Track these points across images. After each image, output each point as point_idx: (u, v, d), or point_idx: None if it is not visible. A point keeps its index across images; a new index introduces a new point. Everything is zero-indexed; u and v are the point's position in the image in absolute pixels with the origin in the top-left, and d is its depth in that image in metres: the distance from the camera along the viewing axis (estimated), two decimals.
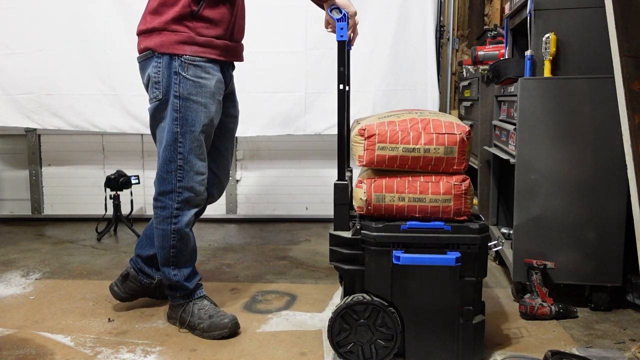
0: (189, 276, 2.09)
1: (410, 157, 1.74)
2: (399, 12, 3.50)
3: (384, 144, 1.75)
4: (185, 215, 2.03)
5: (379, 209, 1.78)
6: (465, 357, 1.76)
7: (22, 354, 1.91)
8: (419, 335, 1.77)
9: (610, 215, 2.15)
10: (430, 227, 1.73)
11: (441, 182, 1.75)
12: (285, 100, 3.60)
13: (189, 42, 1.91)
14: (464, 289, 1.74)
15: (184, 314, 2.08)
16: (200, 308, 2.07)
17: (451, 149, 1.73)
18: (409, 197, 1.75)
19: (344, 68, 1.86)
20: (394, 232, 1.74)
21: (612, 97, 1.78)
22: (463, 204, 1.74)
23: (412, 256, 1.71)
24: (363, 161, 1.78)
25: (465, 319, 1.74)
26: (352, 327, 1.76)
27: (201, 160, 2.01)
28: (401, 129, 1.76)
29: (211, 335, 2.01)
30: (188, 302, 2.09)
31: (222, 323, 2.01)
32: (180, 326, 2.09)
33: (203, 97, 1.95)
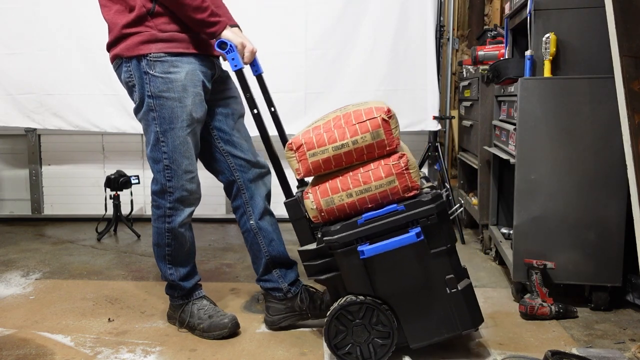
0: (186, 276, 2.08)
1: (342, 154, 1.76)
2: (399, 12, 3.50)
3: (313, 150, 1.78)
4: (179, 216, 2.00)
5: (332, 212, 1.80)
6: (463, 323, 1.76)
7: (22, 354, 1.91)
8: (414, 318, 1.78)
9: (610, 215, 2.15)
10: (385, 213, 1.74)
11: (380, 166, 1.76)
12: (285, 100, 3.59)
13: (152, 40, 1.89)
14: (438, 260, 1.74)
15: (183, 314, 2.08)
16: (200, 308, 2.07)
17: (377, 133, 1.74)
18: (356, 191, 1.77)
19: (250, 94, 1.92)
20: (353, 229, 1.75)
21: (612, 97, 1.78)
22: (408, 180, 1.75)
23: (374, 246, 1.72)
24: (301, 173, 1.81)
25: (451, 287, 1.74)
26: (348, 328, 1.77)
27: (187, 159, 1.96)
28: (325, 130, 1.79)
29: (211, 335, 2.01)
30: (187, 303, 2.08)
31: (222, 323, 2.01)
32: (180, 326, 2.09)
33: (175, 92, 1.91)
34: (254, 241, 2.12)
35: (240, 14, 3.55)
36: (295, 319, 2.10)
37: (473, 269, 2.79)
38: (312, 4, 3.54)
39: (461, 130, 3.67)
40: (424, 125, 3.55)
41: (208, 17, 1.86)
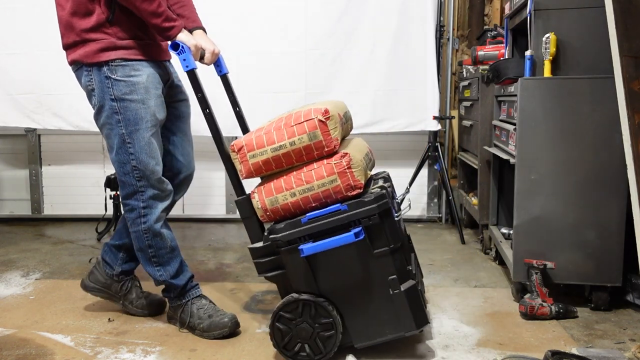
0: (176, 273, 2.08)
1: (280, 155, 1.79)
2: (399, 12, 3.50)
3: (253, 152, 1.82)
4: (153, 213, 2.01)
5: (277, 211, 1.82)
6: (406, 325, 1.77)
7: (22, 354, 1.91)
8: (358, 317, 1.79)
9: (610, 215, 2.15)
10: (328, 212, 1.75)
11: (322, 166, 1.78)
12: (285, 100, 3.59)
13: (112, 48, 1.93)
14: (381, 260, 1.75)
15: (183, 314, 2.08)
16: (200, 307, 2.07)
17: (314, 134, 1.76)
18: (299, 190, 1.79)
19: (201, 94, 1.94)
20: (297, 228, 1.77)
21: (612, 97, 1.78)
22: (351, 179, 1.76)
23: (313, 245, 1.74)
24: (243, 174, 1.85)
25: (393, 288, 1.75)
26: (292, 328, 1.78)
27: (153, 159, 1.99)
28: (265, 132, 1.82)
29: (211, 335, 2.01)
30: (186, 302, 2.08)
31: (222, 322, 2.01)
32: (181, 327, 2.09)
33: (138, 94, 1.95)
34: None
35: (240, 14, 3.59)
36: (106, 297, 2.25)
37: (473, 269, 2.79)
38: (312, 4, 3.54)
39: (461, 130, 3.67)
40: (424, 125, 3.55)
41: (162, 22, 1.90)
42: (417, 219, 3.87)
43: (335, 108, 1.86)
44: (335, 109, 1.85)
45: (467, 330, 2.06)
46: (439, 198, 3.87)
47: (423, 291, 2.11)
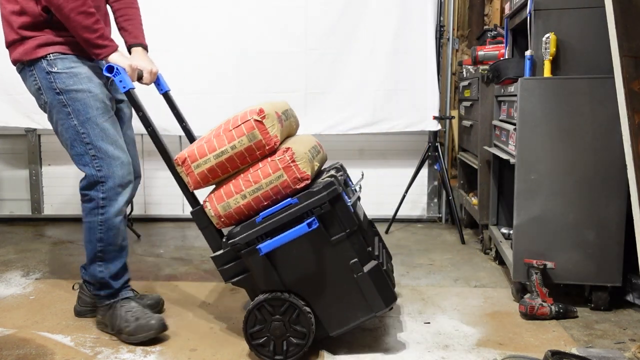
0: (117, 274, 2.05)
1: (224, 160, 1.81)
2: (399, 12, 3.50)
3: (197, 162, 1.83)
4: (113, 206, 1.99)
5: (231, 216, 1.84)
6: (376, 305, 1.79)
7: (22, 354, 1.91)
8: (328, 306, 1.81)
9: (610, 215, 2.15)
10: (280, 208, 1.77)
11: (267, 164, 1.80)
12: (285, 101, 3.59)
13: (50, 43, 1.93)
14: (340, 246, 1.77)
15: (111, 317, 2.03)
16: (127, 310, 2.02)
17: (253, 135, 1.78)
18: (248, 191, 1.81)
19: (142, 112, 1.95)
20: (253, 228, 1.79)
21: (612, 97, 1.78)
22: (296, 172, 1.78)
23: (269, 242, 1.76)
24: (192, 185, 1.87)
25: (356, 271, 1.77)
26: (268, 321, 1.80)
27: (112, 144, 1.97)
28: (206, 141, 1.83)
29: (137, 338, 1.96)
30: (114, 304, 2.04)
31: (149, 325, 1.98)
32: (112, 331, 2.04)
33: (82, 84, 1.94)
34: None
35: (240, 14, 3.59)
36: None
37: (473, 269, 2.79)
38: (312, 4, 3.54)
39: (461, 130, 3.67)
40: (424, 125, 3.55)
41: (96, 39, 1.90)
42: (417, 219, 3.87)
43: (272, 107, 1.88)
44: (272, 107, 1.87)
45: (467, 330, 2.06)
46: (439, 198, 3.87)
47: (391, 271, 2.13)
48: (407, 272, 2.76)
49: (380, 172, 3.84)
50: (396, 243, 3.32)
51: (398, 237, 3.46)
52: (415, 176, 3.53)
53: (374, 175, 3.85)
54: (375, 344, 1.96)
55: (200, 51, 3.55)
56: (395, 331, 2.06)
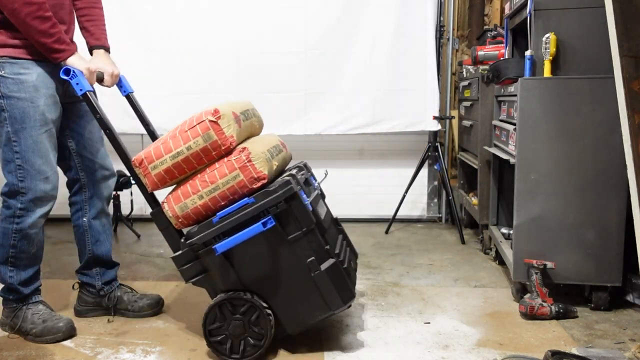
0: (27, 281, 2.04)
1: (180, 161, 1.81)
2: (398, 12, 3.51)
3: (153, 163, 1.83)
4: (29, 217, 1.98)
5: (189, 216, 1.84)
6: (333, 303, 1.80)
7: (22, 355, 1.91)
8: (286, 305, 1.82)
9: (610, 215, 2.15)
10: (237, 208, 1.78)
11: (223, 164, 1.80)
12: (285, 100, 3.60)
13: (2, 45, 1.90)
14: (297, 245, 1.78)
15: (15, 319, 2.02)
16: (35, 313, 2.02)
17: (208, 135, 1.78)
18: (205, 192, 1.81)
19: (99, 115, 1.95)
20: (210, 228, 1.79)
21: (612, 97, 1.78)
22: (253, 171, 1.78)
23: (225, 242, 1.77)
24: (149, 186, 1.87)
25: (314, 270, 1.77)
26: (228, 319, 1.81)
27: (41, 158, 1.94)
28: (162, 142, 1.83)
29: (44, 340, 1.97)
30: (21, 307, 2.03)
31: (57, 327, 1.98)
32: (10, 331, 2.03)
33: (26, 93, 1.91)
34: (82, 237, 2.21)
35: (240, 14, 3.59)
36: (101, 313, 2.23)
37: (473, 269, 2.79)
38: (312, 4, 3.54)
39: (461, 130, 3.66)
40: (424, 125, 3.55)
41: (52, 43, 1.89)
42: (417, 219, 3.87)
43: (230, 107, 1.88)
44: (230, 107, 1.87)
45: (467, 330, 2.06)
46: (439, 198, 3.87)
47: (354, 270, 2.13)
48: (407, 272, 2.76)
49: (380, 172, 3.84)
50: (396, 243, 3.32)
51: (398, 237, 3.46)
52: (415, 176, 3.53)
53: (374, 175, 3.85)
54: (376, 343, 1.96)
55: (200, 51, 3.55)
56: (396, 331, 2.06)
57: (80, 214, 2.20)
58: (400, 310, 2.27)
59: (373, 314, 2.23)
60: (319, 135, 3.66)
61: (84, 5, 2.15)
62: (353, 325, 2.11)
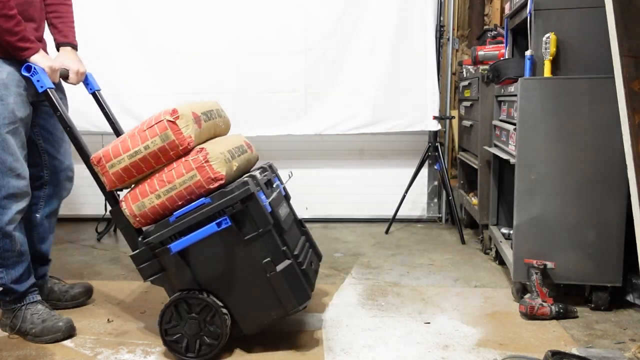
0: (19, 279, 2.04)
1: (137, 160, 1.81)
2: (398, 12, 3.50)
3: (111, 162, 1.84)
4: (5, 215, 1.96)
5: (146, 216, 1.85)
6: (288, 304, 1.80)
7: (22, 355, 1.91)
8: (242, 305, 1.83)
9: (610, 215, 2.15)
10: (194, 207, 1.79)
11: (180, 164, 1.81)
12: (285, 100, 3.60)
13: None
14: (253, 245, 1.79)
15: (15, 319, 2.03)
16: (34, 313, 2.02)
17: (166, 135, 1.79)
18: (162, 191, 1.82)
19: (60, 112, 1.95)
20: (166, 228, 1.80)
21: (612, 97, 1.78)
22: (210, 172, 1.78)
23: (179, 241, 1.79)
24: (107, 185, 1.88)
25: (269, 270, 1.78)
26: (183, 318, 1.82)
27: (11, 155, 1.94)
28: (121, 141, 1.84)
29: (44, 339, 1.97)
30: (20, 307, 2.04)
31: (56, 326, 1.99)
32: (10, 332, 2.04)
33: None
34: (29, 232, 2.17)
35: (240, 14, 3.58)
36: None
37: (473, 269, 2.79)
38: (312, 4, 3.54)
39: (461, 130, 3.66)
40: (424, 125, 3.55)
41: (17, 42, 1.90)
42: (417, 219, 3.87)
43: (190, 107, 1.88)
44: (190, 108, 1.87)
45: (467, 330, 2.06)
46: (439, 198, 3.87)
47: (315, 271, 2.12)
48: (407, 272, 2.76)
49: (380, 172, 3.84)
50: (396, 243, 3.32)
51: (398, 237, 3.46)
52: (415, 176, 3.53)
53: (374, 175, 3.85)
54: (376, 343, 1.96)
55: (200, 51, 3.55)
56: (396, 331, 2.06)
57: (35, 208, 2.19)
58: (400, 310, 2.27)
59: (373, 314, 2.23)
60: (319, 135, 3.66)
61: (53, 2, 2.16)
62: (353, 325, 2.11)
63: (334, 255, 3.06)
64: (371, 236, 3.48)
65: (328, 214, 3.86)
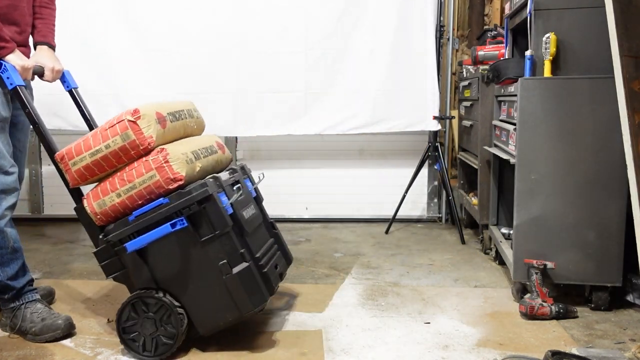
0: (15, 276, 2.05)
1: (99, 159, 1.83)
2: (399, 12, 3.50)
3: (73, 160, 1.86)
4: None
5: (107, 214, 1.86)
6: (243, 306, 1.80)
7: (22, 355, 1.91)
8: (198, 306, 1.84)
9: (610, 215, 2.15)
10: (152, 207, 1.80)
11: (141, 163, 1.81)
12: (285, 100, 3.60)
13: None
14: (210, 247, 1.79)
15: (15, 319, 2.03)
16: (34, 312, 2.03)
17: (126, 134, 1.80)
18: (123, 190, 1.83)
19: (28, 109, 1.97)
20: (126, 226, 1.82)
21: (612, 97, 1.78)
22: (169, 172, 1.79)
23: (134, 241, 1.81)
24: (70, 182, 1.89)
25: (225, 272, 1.78)
26: (140, 317, 1.83)
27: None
28: (84, 139, 1.86)
29: (43, 338, 1.98)
30: (20, 306, 2.04)
31: (56, 324, 1.99)
32: (11, 332, 2.04)
33: None
34: None
35: (240, 14, 3.59)
36: None
37: (473, 269, 2.79)
38: (312, 4, 3.54)
39: (461, 130, 3.67)
40: (424, 125, 3.55)
41: None
42: (417, 219, 3.87)
43: (155, 107, 1.88)
44: (155, 108, 1.88)
45: (467, 330, 2.06)
46: (439, 198, 3.87)
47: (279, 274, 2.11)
48: (407, 272, 2.76)
49: (380, 172, 3.84)
50: (396, 243, 3.32)
51: (398, 237, 3.46)
52: (415, 176, 3.53)
53: (374, 175, 3.85)
54: (376, 343, 1.96)
55: (200, 51, 3.55)
56: (396, 331, 2.06)
57: None
58: (400, 310, 2.27)
59: (373, 314, 2.23)
60: (319, 135, 3.66)
61: (37, 4, 2.18)
62: (353, 325, 2.11)
63: (334, 255, 3.06)
64: (371, 236, 3.48)
65: (328, 214, 3.86)
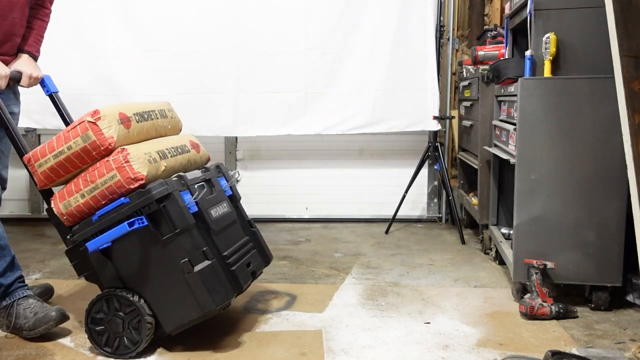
0: (3, 272, 2.06)
1: (62, 160, 1.84)
2: (399, 12, 3.50)
3: (39, 162, 1.87)
4: None
5: (73, 214, 1.88)
6: (205, 305, 1.81)
7: (22, 355, 1.91)
8: (164, 304, 1.85)
9: (610, 215, 2.15)
10: (114, 207, 1.82)
11: (102, 164, 1.83)
12: (285, 100, 3.60)
13: None
14: (171, 245, 1.80)
15: (9, 317, 2.03)
16: (26, 307, 2.04)
17: (87, 136, 1.81)
18: (86, 190, 1.84)
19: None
20: (89, 226, 1.85)
21: (612, 97, 1.78)
22: (130, 172, 1.80)
23: (93, 241, 1.83)
24: (38, 184, 1.91)
25: (187, 271, 1.79)
26: (111, 313, 1.85)
27: None
28: (48, 141, 1.87)
29: (38, 332, 1.99)
30: (12, 304, 2.05)
31: (48, 316, 2.00)
32: (7, 331, 2.04)
33: None
34: None
35: (241, 14, 3.59)
36: None
37: (473, 269, 2.79)
38: (312, 4, 3.54)
39: (461, 130, 3.67)
40: (424, 125, 3.55)
41: None
42: (417, 219, 3.87)
43: (120, 108, 1.90)
44: (119, 108, 1.89)
45: (467, 330, 2.06)
46: (439, 198, 3.87)
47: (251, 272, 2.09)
48: (407, 272, 2.76)
49: (380, 172, 3.84)
50: (396, 243, 3.32)
51: (398, 237, 3.46)
52: (415, 176, 3.53)
53: (374, 175, 3.85)
54: (376, 343, 1.96)
55: (200, 51, 3.55)
56: (396, 331, 2.06)
57: None
58: (400, 310, 2.27)
59: (373, 314, 2.23)
60: (319, 135, 3.66)
61: (31, 15, 2.22)
62: (353, 325, 2.11)
63: (334, 255, 3.06)
64: (371, 236, 3.49)
65: (328, 214, 3.86)
